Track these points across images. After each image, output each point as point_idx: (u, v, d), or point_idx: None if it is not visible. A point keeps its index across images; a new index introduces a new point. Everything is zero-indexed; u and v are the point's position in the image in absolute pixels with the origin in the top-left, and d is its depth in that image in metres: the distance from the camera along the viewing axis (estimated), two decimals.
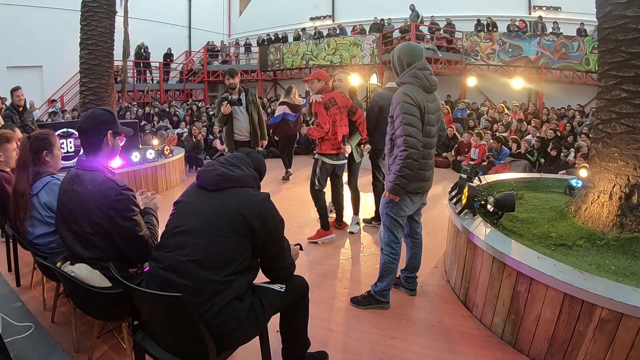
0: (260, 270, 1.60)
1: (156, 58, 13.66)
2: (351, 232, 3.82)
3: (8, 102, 5.13)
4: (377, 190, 3.81)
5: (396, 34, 12.42)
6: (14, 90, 5.03)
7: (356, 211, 3.94)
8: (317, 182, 3.47)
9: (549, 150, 6.36)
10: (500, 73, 11.47)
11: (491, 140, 7.08)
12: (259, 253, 1.51)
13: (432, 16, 12.03)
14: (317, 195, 3.51)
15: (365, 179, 4.33)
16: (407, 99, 2.16)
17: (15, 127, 3.84)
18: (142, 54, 13.27)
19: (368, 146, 3.68)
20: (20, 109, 5.05)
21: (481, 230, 2.38)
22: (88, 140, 1.78)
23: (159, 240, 1.69)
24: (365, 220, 4.10)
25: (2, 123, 4.59)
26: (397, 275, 2.76)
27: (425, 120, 2.22)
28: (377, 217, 3.97)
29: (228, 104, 4.18)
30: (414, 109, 2.16)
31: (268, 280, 1.66)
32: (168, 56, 14.21)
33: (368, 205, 4.65)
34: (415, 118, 2.16)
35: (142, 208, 1.94)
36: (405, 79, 2.25)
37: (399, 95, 2.20)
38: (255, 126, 4.30)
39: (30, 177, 2.15)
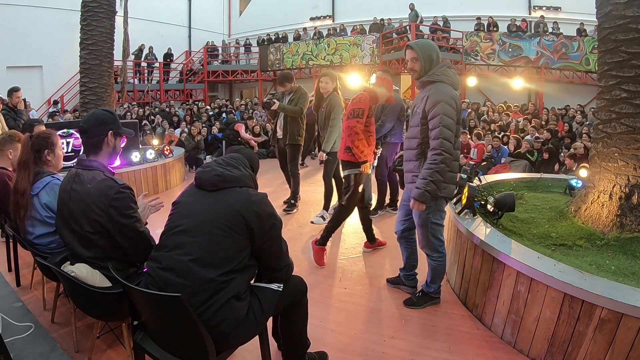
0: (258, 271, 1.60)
1: (157, 58, 13.69)
2: (312, 222, 4.04)
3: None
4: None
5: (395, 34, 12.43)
6: (15, 91, 4.97)
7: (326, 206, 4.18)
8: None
9: (544, 152, 6.36)
10: (500, 73, 11.47)
11: (492, 140, 7.09)
12: (257, 252, 1.51)
13: (435, 17, 12.03)
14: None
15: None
16: (450, 101, 2.08)
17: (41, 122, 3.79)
18: (147, 55, 13.31)
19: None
20: (16, 109, 5.01)
21: (481, 230, 2.38)
22: (89, 140, 1.79)
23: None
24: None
25: (4, 123, 4.58)
26: (397, 275, 2.78)
27: (458, 119, 2.16)
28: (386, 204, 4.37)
29: (264, 108, 4.47)
30: (453, 112, 2.08)
31: (266, 280, 1.66)
32: (168, 56, 14.22)
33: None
34: (453, 122, 2.07)
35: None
36: (436, 77, 2.15)
37: (439, 95, 2.09)
38: (287, 124, 4.31)
39: (30, 176, 2.15)
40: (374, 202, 4.46)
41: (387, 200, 4.46)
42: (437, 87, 2.14)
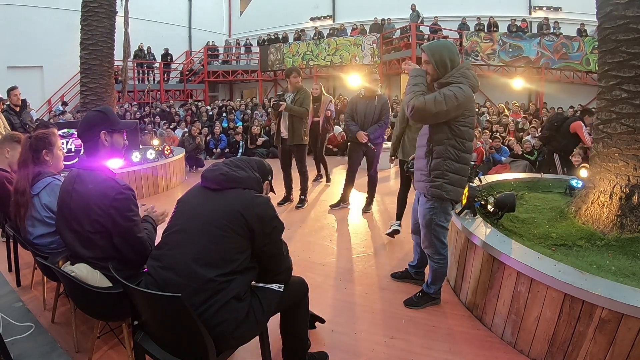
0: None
1: (156, 58, 13.70)
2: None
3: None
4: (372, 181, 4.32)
5: (397, 34, 12.41)
6: (12, 90, 4.89)
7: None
8: None
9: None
10: (501, 73, 11.47)
11: (490, 140, 7.09)
12: (257, 254, 1.50)
13: (436, 17, 12.02)
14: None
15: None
16: (461, 93, 2.03)
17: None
18: (146, 55, 13.33)
19: None
20: (18, 108, 4.92)
21: (481, 230, 2.38)
22: (85, 143, 1.81)
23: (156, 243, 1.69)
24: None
25: (6, 123, 4.56)
26: (404, 268, 2.84)
27: (471, 122, 2.13)
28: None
29: (272, 109, 4.39)
30: (453, 104, 2.01)
31: (267, 281, 1.65)
32: (166, 56, 14.16)
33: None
34: (444, 109, 2.01)
35: (142, 216, 1.93)
36: (454, 78, 2.10)
37: (455, 87, 2.06)
38: (292, 124, 4.32)
39: (30, 175, 2.15)
40: (364, 199, 4.50)
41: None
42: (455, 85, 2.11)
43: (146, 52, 13.37)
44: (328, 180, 5.84)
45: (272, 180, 1.78)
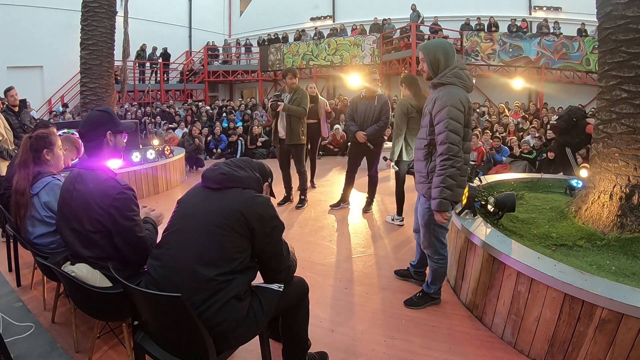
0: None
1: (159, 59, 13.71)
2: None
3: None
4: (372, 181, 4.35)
5: (397, 34, 12.42)
6: (8, 90, 4.82)
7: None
8: None
9: (547, 153, 6.36)
10: (501, 73, 11.47)
11: (490, 140, 7.10)
12: (257, 254, 1.51)
13: (436, 17, 12.02)
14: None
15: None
16: (457, 104, 2.01)
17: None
18: (149, 55, 13.34)
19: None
20: (16, 109, 4.86)
21: (481, 230, 2.38)
22: (88, 143, 1.80)
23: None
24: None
25: (6, 123, 4.55)
26: (406, 268, 2.84)
27: (468, 122, 2.10)
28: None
29: (270, 107, 4.39)
30: (460, 116, 2.02)
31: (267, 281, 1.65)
32: (165, 56, 14.12)
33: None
34: (460, 126, 2.02)
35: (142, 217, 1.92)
36: (446, 79, 2.08)
37: (447, 98, 2.03)
38: (290, 124, 4.32)
39: (30, 175, 2.16)
40: (364, 199, 4.51)
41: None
42: (447, 89, 2.07)
43: (151, 52, 13.36)
44: (313, 185, 5.59)
45: (272, 183, 1.77)
